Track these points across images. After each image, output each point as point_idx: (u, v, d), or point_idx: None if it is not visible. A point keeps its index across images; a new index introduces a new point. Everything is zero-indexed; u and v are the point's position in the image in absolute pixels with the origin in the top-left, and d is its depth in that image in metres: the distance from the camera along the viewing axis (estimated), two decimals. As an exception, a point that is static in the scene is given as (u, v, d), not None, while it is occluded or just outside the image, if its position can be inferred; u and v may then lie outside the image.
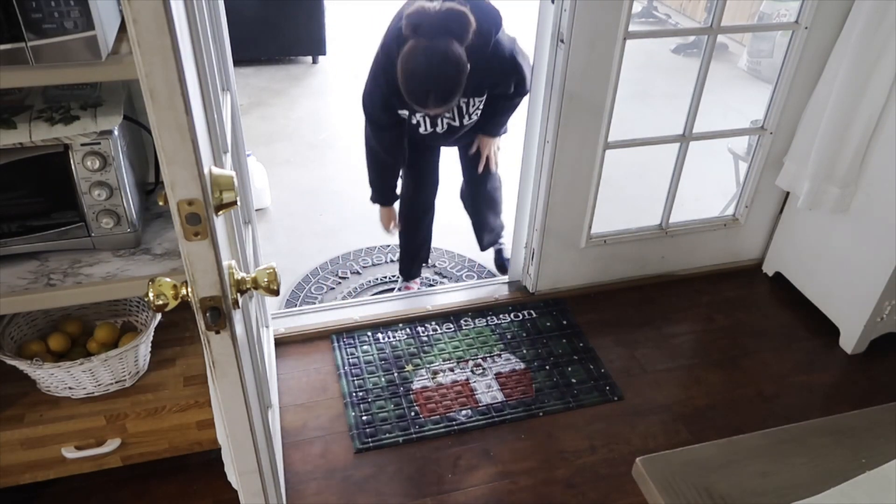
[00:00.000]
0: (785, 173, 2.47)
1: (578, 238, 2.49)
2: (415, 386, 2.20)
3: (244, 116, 4.01)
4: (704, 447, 1.15)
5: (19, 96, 1.38)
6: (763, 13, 5.13)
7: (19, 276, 1.36)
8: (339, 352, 2.31)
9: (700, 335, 2.49)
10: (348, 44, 5.19)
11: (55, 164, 1.32)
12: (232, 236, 1.27)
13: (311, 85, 4.67)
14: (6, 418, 1.59)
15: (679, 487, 1.06)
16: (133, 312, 1.78)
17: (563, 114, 2.17)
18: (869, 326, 2.32)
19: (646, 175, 3.44)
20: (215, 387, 1.03)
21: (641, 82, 4.83)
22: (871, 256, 2.24)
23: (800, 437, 1.17)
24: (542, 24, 2.14)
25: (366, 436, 2.03)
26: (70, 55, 1.07)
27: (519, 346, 2.37)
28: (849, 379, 2.32)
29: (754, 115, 2.66)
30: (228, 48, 1.75)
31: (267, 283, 1.01)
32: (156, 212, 1.57)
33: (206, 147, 0.94)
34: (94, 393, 1.64)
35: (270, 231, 3.14)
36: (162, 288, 0.91)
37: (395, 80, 2.00)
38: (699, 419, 2.14)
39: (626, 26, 2.06)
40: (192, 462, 1.88)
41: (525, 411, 2.13)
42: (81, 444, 1.62)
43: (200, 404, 1.67)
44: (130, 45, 0.75)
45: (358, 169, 3.66)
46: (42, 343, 1.65)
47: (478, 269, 2.93)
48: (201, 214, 0.85)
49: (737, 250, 2.75)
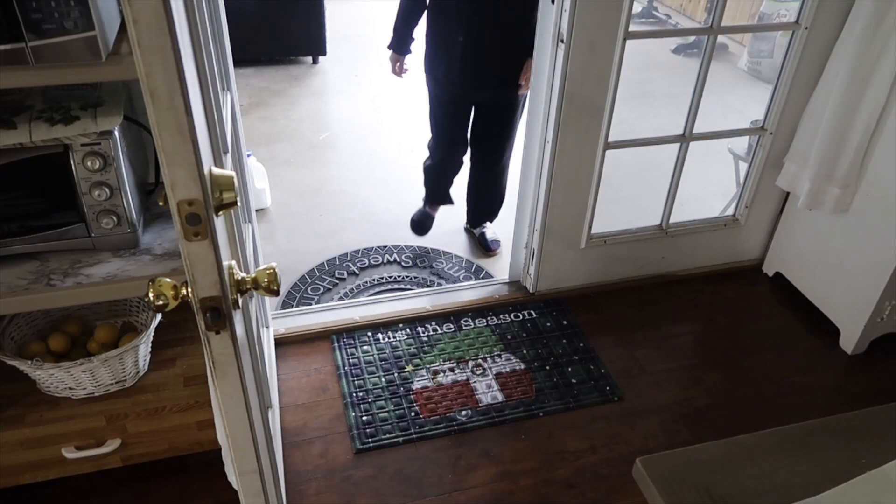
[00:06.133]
0: (785, 173, 2.47)
1: (578, 238, 2.49)
2: (415, 386, 2.20)
3: (244, 116, 4.02)
4: (704, 447, 1.16)
5: (19, 96, 1.38)
6: (763, 13, 5.13)
7: (19, 277, 1.36)
8: (339, 352, 2.31)
9: (700, 335, 2.49)
10: (348, 44, 5.19)
11: (55, 165, 1.32)
12: (232, 236, 1.27)
13: (311, 85, 4.68)
14: (6, 418, 1.59)
15: (679, 487, 1.06)
16: (133, 313, 1.78)
17: (563, 114, 2.17)
18: (869, 326, 2.32)
19: (646, 175, 3.44)
20: (215, 387, 1.03)
21: (641, 82, 4.83)
22: (871, 256, 2.24)
23: (800, 437, 1.17)
24: (542, 24, 2.14)
25: (366, 436, 2.03)
26: (70, 55, 1.07)
27: (519, 346, 2.37)
28: (849, 379, 2.32)
29: (754, 115, 2.66)
30: (228, 48, 1.75)
31: (267, 283, 1.01)
32: (156, 212, 1.57)
33: (206, 147, 0.94)
34: (95, 393, 1.64)
35: (270, 231, 3.14)
36: (162, 288, 0.91)
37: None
38: (699, 419, 2.14)
39: (626, 26, 2.06)
40: (192, 462, 1.88)
41: (525, 411, 2.13)
42: (81, 444, 1.62)
43: (200, 404, 1.67)
44: (130, 45, 0.74)
45: (358, 169, 3.68)
46: (42, 343, 1.65)
47: (476, 269, 2.93)
48: (201, 215, 0.85)
49: (737, 250, 2.75)
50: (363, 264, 2.93)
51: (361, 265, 2.92)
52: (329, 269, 2.88)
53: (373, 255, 2.98)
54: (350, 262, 2.93)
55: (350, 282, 2.82)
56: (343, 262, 2.93)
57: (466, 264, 2.95)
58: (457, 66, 2.51)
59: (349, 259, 2.95)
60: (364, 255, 2.98)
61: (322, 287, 2.78)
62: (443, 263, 2.94)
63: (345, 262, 2.93)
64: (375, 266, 2.92)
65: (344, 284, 2.81)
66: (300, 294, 2.74)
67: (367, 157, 3.79)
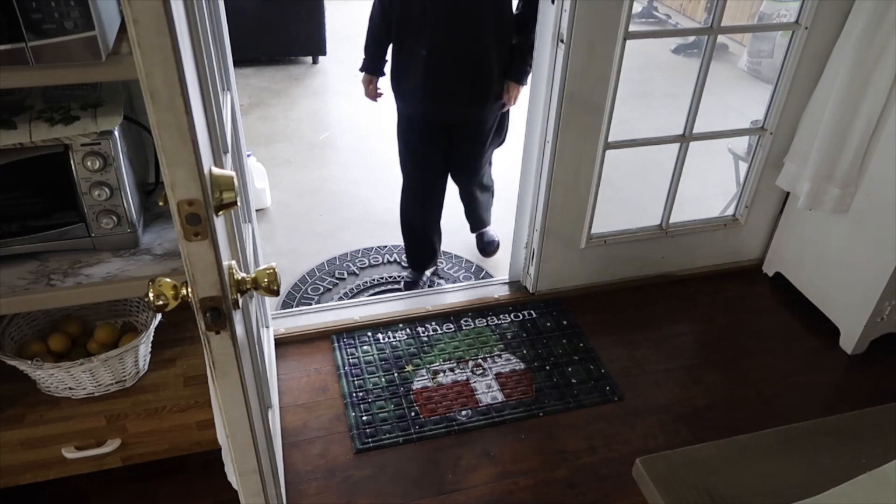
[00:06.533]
0: (785, 173, 2.47)
1: (578, 238, 2.49)
2: (415, 386, 2.20)
3: (244, 116, 4.02)
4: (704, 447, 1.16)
5: (19, 96, 1.38)
6: (763, 13, 5.13)
7: (19, 277, 1.36)
8: (339, 352, 2.31)
9: (700, 335, 2.49)
10: (348, 44, 5.19)
11: (55, 165, 1.32)
12: (232, 236, 1.27)
13: (311, 85, 4.68)
14: (6, 418, 1.59)
15: (679, 487, 1.06)
16: (133, 313, 1.78)
17: (563, 114, 2.17)
18: (869, 327, 2.32)
19: (646, 175, 3.44)
20: (215, 387, 1.03)
21: (641, 82, 4.83)
22: (871, 256, 2.24)
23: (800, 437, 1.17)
24: (542, 25, 2.14)
25: (366, 436, 2.03)
26: (70, 55, 1.07)
27: (519, 346, 2.37)
28: (849, 379, 2.32)
29: (754, 115, 2.66)
30: (228, 48, 1.75)
31: (267, 283, 1.01)
32: (156, 212, 1.57)
33: (206, 147, 0.94)
34: (95, 393, 1.64)
35: (270, 231, 3.14)
36: (162, 288, 0.91)
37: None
38: (699, 419, 2.14)
39: (626, 26, 2.06)
40: (192, 462, 1.88)
41: (525, 411, 2.13)
42: (82, 444, 1.61)
43: (200, 404, 1.67)
44: (130, 46, 0.74)
45: (358, 169, 3.68)
46: (42, 343, 1.65)
47: (476, 269, 2.93)
48: (201, 215, 0.85)
49: (737, 250, 2.75)
50: (363, 264, 2.93)
51: (361, 265, 2.92)
52: (329, 269, 2.88)
53: (373, 255, 2.98)
54: (350, 262, 2.93)
55: (350, 282, 2.82)
56: (343, 262, 2.94)
57: (466, 264, 2.95)
58: (421, 82, 2.33)
59: (349, 259, 2.95)
60: (364, 255, 2.98)
61: (322, 287, 2.78)
62: (443, 263, 2.94)
63: (345, 262, 2.93)
64: (375, 266, 2.92)
65: (344, 284, 2.81)
66: (300, 294, 2.74)
67: (367, 157, 3.79)
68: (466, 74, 2.33)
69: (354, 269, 2.90)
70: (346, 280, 2.83)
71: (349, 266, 2.91)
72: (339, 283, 2.82)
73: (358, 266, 2.91)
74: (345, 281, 2.83)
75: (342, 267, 2.90)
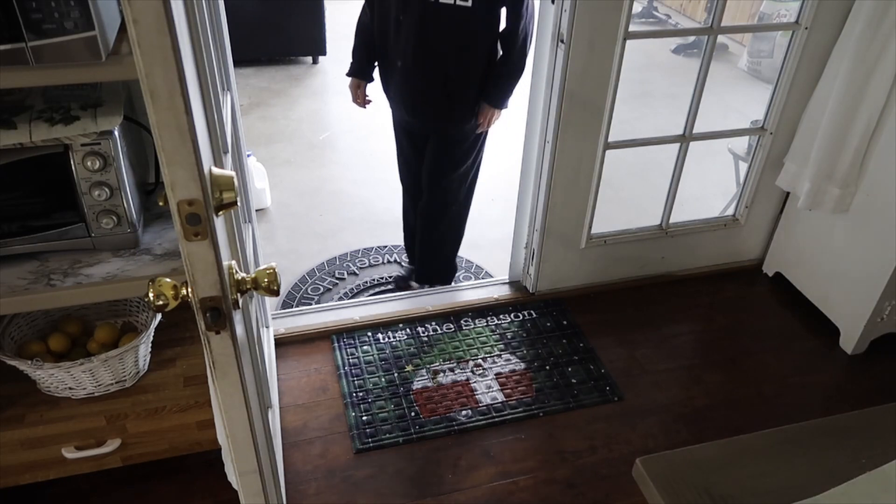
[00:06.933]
0: (785, 173, 2.47)
1: (578, 238, 2.49)
2: (415, 386, 2.20)
3: (244, 116, 4.02)
4: (704, 447, 1.16)
5: (19, 96, 1.38)
6: (763, 13, 5.13)
7: (19, 277, 1.36)
8: (339, 352, 2.31)
9: (700, 335, 2.49)
10: (348, 44, 5.18)
11: (55, 165, 1.32)
12: (232, 236, 1.27)
13: (311, 85, 4.68)
14: (6, 418, 1.59)
15: (679, 487, 1.06)
16: (133, 313, 1.78)
17: (563, 114, 2.17)
18: (869, 326, 2.32)
19: (646, 175, 3.44)
20: (215, 387, 1.03)
21: (641, 82, 4.83)
22: (871, 256, 2.24)
23: (800, 437, 1.17)
24: (542, 25, 2.14)
25: (366, 436, 2.03)
26: (70, 55, 1.07)
27: (519, 346, 2.37)
28: (849, 379, 2.32)
29: (754, 115, 2.66)
30: (228, 48, 1.75)
31: (267, 283, 1.01)
32: (156, 212, 1.57)
33: (206, 147, 0.94)
34: (95, 393, 1.64)
35: (270, 231, 3.14)
36: (162, 288, 0.91)
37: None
38: (699, 419, 2.14)
39: (626, 26, 2.06)
40: (192, 462, 1.88)
41: (525, 411, 2.13)
42: (82, 444, 1.61)
43: (200, 404, 1.67)
44: (130, 45, 0.74)
45: (358, 169, 3.68)
46: (42, 343, 1.65)
47: (476, 269, 2.93)
48: (201, 215, 0.85)
49: (737, 250, 2.75)
50: (363, 264, 2.93)
51: (361, 265, 2.92)
52: (329, 269, 2.88)
53: (373, 255, 2.98)
54: (350, 262, 2.93)
55: (350, 282, 2.82)
56: (343, 262, 2.94)
57: (466, 264, 2.95)
58: (399, 91, 2.32)
59: (349, 259, 2.95)
60: (364, 255, 2.98)
61: (322, 287, 2.78)
62: (443, 263, 2.94)
63: (345, 262, 2.93)
64: (375, 266, 2.92)
65: (344, 284, 2.81)
66: (300, 294, 2.74)
67: (367, 157, 3.79)
68: (439, 89, 2.25)
69: (354, 269, 2.90)
70: (346, 280, 2.83)
71: (349, 266, 2.91)
72: (339, 283, 2.82)
73: (358, 266, 2.91)
74: (345, 281, 2.83)
75: (342, 267, 2.90)
